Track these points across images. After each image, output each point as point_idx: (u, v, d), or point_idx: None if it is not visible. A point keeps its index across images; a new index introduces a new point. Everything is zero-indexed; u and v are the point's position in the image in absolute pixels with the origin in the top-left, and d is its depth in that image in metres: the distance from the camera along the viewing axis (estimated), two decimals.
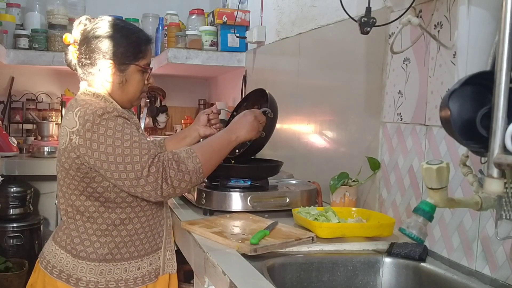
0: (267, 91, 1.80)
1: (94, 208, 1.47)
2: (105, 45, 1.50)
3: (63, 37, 1.59)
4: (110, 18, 1.56)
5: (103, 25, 1.52)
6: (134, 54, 1.53)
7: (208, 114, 1.82)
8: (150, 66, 1.60)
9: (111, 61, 1.51)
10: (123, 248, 1.49)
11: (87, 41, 1.52)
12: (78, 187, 1.46)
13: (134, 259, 1.51)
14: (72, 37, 1.56)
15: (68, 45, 1.58)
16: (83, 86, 1.57)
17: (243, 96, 3.13)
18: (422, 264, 1.31)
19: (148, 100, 3.93)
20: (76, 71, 1.58)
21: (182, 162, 1.40)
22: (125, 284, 1.48)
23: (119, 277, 1.48)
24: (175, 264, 1.62)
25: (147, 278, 1.52)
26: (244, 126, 1.58)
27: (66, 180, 1.48)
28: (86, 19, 1.57)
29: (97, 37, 1.51)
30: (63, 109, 3.47)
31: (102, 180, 1.44)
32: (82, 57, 1.53)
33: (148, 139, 1.48)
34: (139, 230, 1.52)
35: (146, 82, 1.60)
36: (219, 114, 1.85)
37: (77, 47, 1.55)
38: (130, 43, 1.53)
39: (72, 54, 1.58)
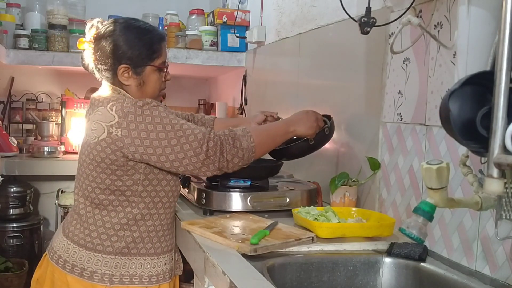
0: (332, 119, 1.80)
1: (118, 202, 1.47)
2: (119, 50, 1.49)
3: (77, 43, 1.59)
4: (122, 20, 1.55)
5: (115, 28, 1.51)
6: (148, 55, 1.52)
7: (267, 116, 1.88)
8: (166, 62, 1.59)
9: (127, 65, 1.50)
10: (140, 243, 1.50)
11: (101, 47, 1.51)
12: (104, 181, 1.46)
13: (150, 255, 1.51)
14: (85, 42, 1.55)
15: (83, 50, 1.57)
16: (106, 83, 1.57)
17: (244, 95, 3.14)
18: (422, 264, 1.31)
19: None
20: (94, 74, 1.58)
21: (238, 139, 1.46)
22: (139, 280, 1.48)
23: (133, 272, 1.48)
24: (182, 265, 1.64)
25: (161, 278, 1.52)
26: (305, 122, 1.63)
27: (93, 174, 1.47)
28: (98, 22, 1.55)
29: (110, 42, 1.49)
30: (63, 109, 3.45)
31: (134, 173, 1.46)
32: (97, 63, 1.53)
33: None
34: (157, 227, 1.52)
35: (164, 79, 1.60)
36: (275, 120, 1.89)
37: (92, 51, 1.54)
38: (144, 44, 1.51)
39: (88, 58, 1.56)
